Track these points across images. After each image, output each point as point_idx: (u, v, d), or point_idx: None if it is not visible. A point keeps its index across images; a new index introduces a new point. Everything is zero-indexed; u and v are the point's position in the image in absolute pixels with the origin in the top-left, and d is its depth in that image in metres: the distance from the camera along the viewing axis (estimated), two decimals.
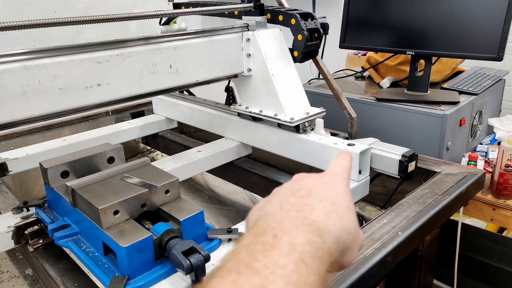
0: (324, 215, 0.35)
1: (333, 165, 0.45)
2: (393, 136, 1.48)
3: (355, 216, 0.39)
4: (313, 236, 0.33)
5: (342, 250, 0.36)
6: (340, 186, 0.41)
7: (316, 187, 0.39)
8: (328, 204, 0.37)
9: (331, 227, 0.35)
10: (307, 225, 0.33)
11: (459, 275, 1.34)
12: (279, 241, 0.31)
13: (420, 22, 1.44)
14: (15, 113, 0.69)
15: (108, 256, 0.64)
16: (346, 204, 0.38)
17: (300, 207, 0.36)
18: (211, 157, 1.13)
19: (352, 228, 0.37)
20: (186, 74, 0.91)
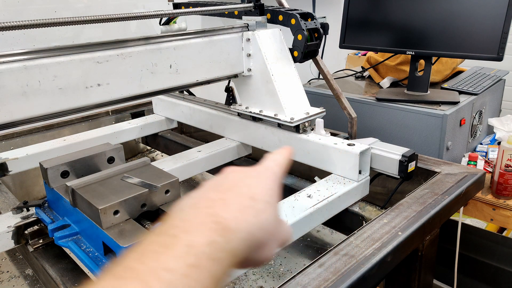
0: (238, 211, 0.35)
1: (268, 159, 0.45)
2: (393, 136, 1.48)
3: (275, 211, 0.39)
4: (216, 235, 0.32)
5: (255, 246, 0.36)
6: (266, 181, 0.40)
7: (241, 182, 0.39)
8: (246, 200, 0.36)
9: (243, 224, 0.34)
10: (214, 223, 0.32)
11: (459, 275, 1.34)
12: (177, 242, 0.30)
13: (420, 22, 1.44)
14: (15, 113, 0.69)
15: (108, 256, 0.64)
16: (267, 199, 0.38)
17: (215, 202, 0.35)
18: (211, 157, 1.13)
19: (268, 223, 0.37)
20: (186, 74, 0.91)
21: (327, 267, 0.65)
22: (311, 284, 0.61)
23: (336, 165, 0.94)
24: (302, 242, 1.07)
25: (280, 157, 0.45)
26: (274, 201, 0.39)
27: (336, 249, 0.70)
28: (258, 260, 0.38)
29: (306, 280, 0.62)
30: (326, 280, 0.62)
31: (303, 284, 0.62)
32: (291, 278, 0.63)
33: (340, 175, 0.94)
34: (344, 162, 0.92)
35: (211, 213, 0.34)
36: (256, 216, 0.36)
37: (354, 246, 0.70)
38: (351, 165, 0.91)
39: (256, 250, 0.36)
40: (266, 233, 0.37)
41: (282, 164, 0.44)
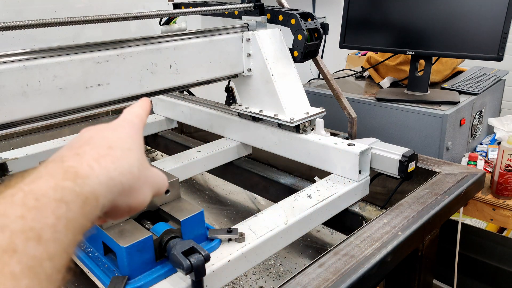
0: (93, 160, 0.34)
1: (125, 112, 0.44)
2: (393, 136, 1.48)
3: (139, 157, 0.39)
4: (63, 181, 0.31)
5: (121, 191, 0.36)
6: (124, 130, 0.40)
7: (96, 135, 0.38)
8: (103, 149, 0.36)
9: (99, 170, 0.34)
10: (63, 172, 0.32)
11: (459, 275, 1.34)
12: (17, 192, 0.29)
13: (420, 22, 1.44)
14: (15, 113, 0.69)
15: (108, 256, 0.64)
16: (127, 146, 0.38)
17: (68, 158, 0.34)
18: (211, 157, 1.13)
19: (132, 168, 0.37)
20: (186, 74, 0.91)
21: (327, 267, 0.65)
22: (311, 284, 0.61)
23: (336, 165, 0.94)
24: (302, 242, 1.07)
25: (137, 109, 0.45)
26: (135, 147, 0.39)
27: (336, 249, 0.70)
28: (132, 205, 0.38)
29: (306, 280, 0.62)
30: (326, 280, 0.62)
31: (303, 284, 0.62)
32: (291, 278, 0.63)
33: (340, 175, 0.94)
34: (344, 162, 0.92)
35: (60, 166, 0.33)
36: (116, 162, 0.36)
37: (354, 246, 0.70)
38: (351, 165, 0.91)
39: (125, 196, 0.36)
40: (130, 178, 0.36)
41: (140, 115, 0.45)
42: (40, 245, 0.27)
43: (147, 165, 0.40)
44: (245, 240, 0.70)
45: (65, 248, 0.29)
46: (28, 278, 0.25)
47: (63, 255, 0.29)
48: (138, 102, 0.47)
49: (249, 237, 0.71)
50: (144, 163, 0.40)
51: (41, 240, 0.27)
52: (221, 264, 0.65)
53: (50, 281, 0.27)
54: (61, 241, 0.29)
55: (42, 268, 0.27)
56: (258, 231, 0.73)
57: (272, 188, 1.18)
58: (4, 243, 0.25)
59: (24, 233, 0.26)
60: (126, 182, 0.36)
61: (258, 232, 0.73)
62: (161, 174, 0.43)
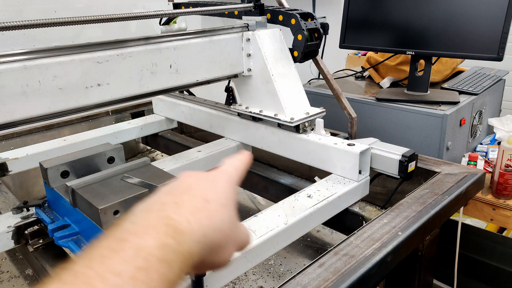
0: (190, 213, 0.34)
1: (225, 163, 0.45)
2: (393, 136, 1.48)
3: (231, 214, 0.38)
4: (166, 237, 0.31)
5: (211, 249, 0.35)
6: (221, 184, 0.40)
7: (195, 185, 0.39)
8: (200, 202, 0.36)
9: (195, 226, 0.34)
10: (165, 225, 0.32)
11: (459, 275, 1.33)
12: (125, 245, 0.30)
13: (420, 22, 1.44)
14: (15, 113, 0.69)
15: None
16: (222, 201, 0.38)
17: (168, 206, 0.35)
18: (211, 157, 1.13)
19: (224, 226, 0.37)
20: (186, 74, 0.91)
21: (327, 267, 0.65)
22: (311, 284, 0.61)
23: (336, 165, 0.94)
24: (302, 242, 1.07)
25: (237, 162, 0.45)
26: (229, 203, 0.39)
27: (336, 249, 0.70)
28: (216, 263, 0.38)
29: (306, 280, 0.62)
30: (326, 280, 0.62)
31: (303, 284, 0.62)
32: (291, 278, 0.63)
33: (340, 175, 0.94)
34: (344, 162, 0.92)
35: (162, 216, 0.33)
36: (210, 218, 0.36)
37: (354, 246, 0.70)
38: (351, 165, 0.91)
39: (212, 253, 0.36)
40: (221, 235, 0.36)
41: (239, 168, 0.45)
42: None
43: (236, 222, 0.40)
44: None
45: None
46: None
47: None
48: (239, 155, 0.47)
49: None
50: (234, 220, 0.39)
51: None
52: None
53: None
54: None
55: None
56: (258, 231, 0.73)
57: (272, 188, 1.18)
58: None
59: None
60: (216, 240, 0.36)
61: (258, 232, 0.73)
62: (246, 231, 0.43)
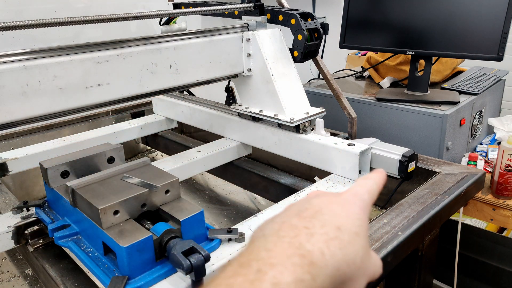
0: (323, 242, 0.32)
1: (357, 183, 0.40)
2: (393, 136, 1.48)
3: (364, 243, 0.35)
4: (302, 273, 0.29)
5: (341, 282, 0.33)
6: (353, 208, 0.36)
7: (325, 208, 0.35)
8: (332, 229, 0.33)
9: (329, 258, 0.31)
10: (299, 257, 0.30)
11: (459, 275, 1.34)
12: (262, 277, 0.28)
13: (420, 22, 1.44)
14: (15, 113, 0.69)
15: (108, 256, 0.64)
16: (355, 230, 0.34)
17: (299, 231, 0.33)
18: (211, 157, 1.13)
19: (356, 257, 0.33)
20: (186, 74, 0.91)
21: None
22: None
23: (336, 165, 0.94)
24: None
25: (370, 182, 0.41)
26: (362, 231, 0.35)
27: None
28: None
29: None
30: None
31: None
32: None
33: (340, 175, 0.94)
34: (344, 162, 0.92)
35: (296, 245, 0.31)
36: (343, 249, 0.33)
37: None
38: (351, 165, 0.91)
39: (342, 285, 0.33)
40: (354, 268, 0.33)
41: (372, 190, 0.40)
42: None
43: (369, 253, 0.36)
44: (245, 240, 0.70)
45: None
46: None
47: None
48: (374, 175, 0.42)
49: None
50: (367, 251, 0.36)
51: None
52: (221, 264, 0.65)
53: None
54: None
55: None
56: None
57: (272, 188, 1.18)
58: None
59: None
60: (349, 273, 0.33)
61: None
62: (378, 261, 0.39)
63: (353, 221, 0.35)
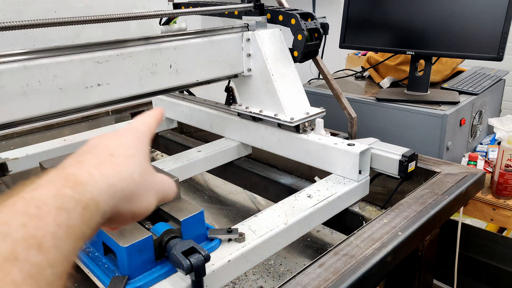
0: (93, 167, 0.35)
1: (134, 120, 0.45)
2: (393, 136, 1.48)
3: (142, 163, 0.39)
4: (63, 188, 0.31)
5: (123, 197, 0.36)
6: (128, 138, 0.41)
7: (100, 143, 0.39)
8: (104, 156, 0.37)
9: (99, 177, 0.34)
10: (63, 180, 0.32)
11: (459, 275, 1.33)
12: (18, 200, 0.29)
13: (420, 22, 1.44)
14: (15, 113, 0.69)
15: (108, 256, 0.64)
16: (129, 153, 0.38)
17: (70, 165, 0.35)
18: (211, 157, 1.13)
19: (133, 174, 0.37)
20: (186, 74, 0.91)
21: (327, 267, 0.65)
22: (311, 284, 0.61)
23: (336, 165, 0.94)
24: (302, 242, 1.07)
25: (147, 118, 0.45)
26: (138, 153, 0.39)
27: (336, 249, 0.70)
28: (136, 212, 0.38)
29: (306, 280, 0.62)
30: (326, 280, 0.62)
31: (303, 284, 0.62)
32: (291, 278, 0.63)
33: (340, 175, 0.94)
34: (344, 162, 0.92)
35: (63, 174, 0.33)
36: (115, 169, 0.36)
37: (354, 246, 0.70)
38: (351, 165, 0.91)
39: (127, 202, 0.36)
40: (132, 184, 0.37)
41: (148, 122, 0.45)
42: (41, 252, 0.27)
43: (151, 171, 0.40)
44: (245, 240, 0.70)
45: (66, 255, 0.29)
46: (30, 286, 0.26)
47: (64, 262, 0.29)
48: (150, 111, 0.47)
49: (249, 237, 0.71)
50: (147, 169, 0.40)
51: (42, 247, 0.27)
52: (221, 264, 0.65)
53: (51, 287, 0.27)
54: (62, 248, 0.29)
55: (43, 276, 0.27)
56: (258, 231, 0.73)
57: (272, 188, 1.18)
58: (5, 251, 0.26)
59: (25, 241, 0.27)
60: (127, 188, 0.36)
61: (258, 232, 0.73)
62: (168, 180, 0.43)
63: (128, 147, 0.39)
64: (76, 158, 0.37)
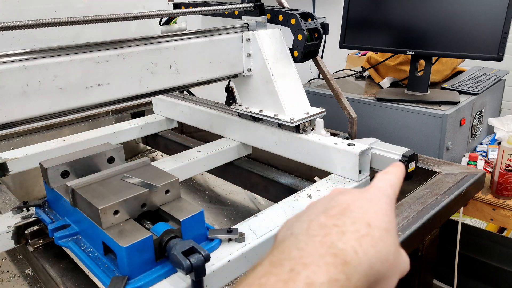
0: (355, 240, 0.31)
1: (379, 179, 0.39)
2: (393, 136, 1.48)
3: (395, 240, 0.34)
4: (336, 272, 0.28)
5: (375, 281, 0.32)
6: (380, 204, 0.36)
7: (353, 204, 0.34)
8: (363, 226, 0.32)
9: (362, 256, 0.30)
10: (332, 256, 0.29)
11: (459, 275, 1.34)
12: (295, 277, 0.27)
13: (420, 22, 1.44)
14: (15, 113, 0.69)
15: (108, 256, 0.64)
16: (384, 226, 0.33)
17: (329, 229, 0.31)
18: (211, 157, 1.13)
19: (389, 254, 0.32)
20: (186, 74, 0.91)
21: None
22: None
23: (336, 165, 0.94)
24: None
25: (392, 177, 0.40)
26: (391, 227, 0.34)
27: None
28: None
29: None
30: None
31: None
32: None
33: (340, 175, 0.94)
34: (344, 162, 0.92)
35: (328, 243, 0.30)
36: (375, 246, 0.32)
37: None
38: (351, 165, 0.91)
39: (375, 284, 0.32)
40: (387, 266, 0.32)
41: (394, 184, 0.40)
42: None
43: (399, 249, 0.35)
44: (245, 240, 0.70)
45: None
46: None
47: None
48: (393, 169, 0.41)
49: (249, 237, 0.71)
50: (398, 247, 0.34)
51: None
52: (221, 264, 0.65)
53: None
54: None
55: None
56: (258, 231, 0.73)
57: (272, 188, 1.18)
58: None
59: None
60: (381, 270, 0.32)
61: (258, 232, 0.73)
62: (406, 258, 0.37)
63: (382, 217, 0.34)
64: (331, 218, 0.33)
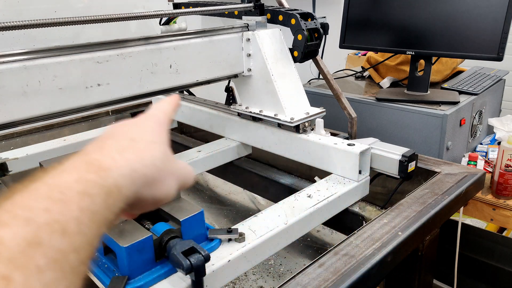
0: (116, 152, 0.35)
1: (152, 107, 0.45)
2: (393, 136, 1.48)
3: (163, 149, 0.39)
4: (87, 173, 0.31)
5: (145, 183, 0.36)
6: (148, 124, 0.41)
7: (120, 129, 0.39)
8: (125, 142, 0.37)
9: (122, 162, 0.34)
10: (86, 165, 0.32)
11: (459, 275, 1.33)
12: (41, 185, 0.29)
13: (420, 22, 1.44)
14: (15, 113, 0.69)
15: (108, 256, 0.64)
16: (151, 139, 0.39)
17: (91, 151, 0.35)
18: (211, 157, 1.13)
19: (155, 160, 0.37)
20: (186, 74, 0.91)
21: (327, 267, 0.65)
22: (311, 284, 0.61)
23: (336, 165, 0.94)
24: (302, 242, 1.07)
25: (165, 105, 0.46)
26: (158, 140, 0.40)
27: (336, 249, 0.70)
28: (157, 198, 0.38)
29: (306, 280, 0.62)
30: (326, 280, 0.62)
31: (303, 284, 0.62)
32: (291, 278, 0.63)
33: (340, 175, 0.94)
34: (344, 162, 0.92)
35: (85, 159, 0.34)
36: (137, 154, 0.36)
37: (354, 246, 0.70)
38: (351, 165, 0.91)
39: (149, 187, 0.37)
40: (154, 169, 0.37)
41: (166, 110, 0.45)
42: (65, 238, 0.27)
43: (171, 158, 0.40)
44: (245, 240, 0.70)
45: (90, 240, 0.29)
46: (53, 271, 0.26)
47: (88, 248, 0.29)
48: (167, 98, 0.47)
49: (249, 237, 0.71)
50: (168, 156, 0.40)
51: (66, 233, 0.27)
52: (221, 264, 0.65)
53: (74, 273, 0.28)
54: (86, 234, 0.29)
55: (67, 261, 0.27)
56: (258, 231, 0.73)
57: (272, 188, 1.18)
58: (29, 236, 0.25)
59: (49, 226, 0.27)
60: (149, 174, 0.36)
61: (258, 232, 0.73)
62: (187, 166, 0.43)
63: (147, 133, 0.39)
64: (97, 144, 0.37)
